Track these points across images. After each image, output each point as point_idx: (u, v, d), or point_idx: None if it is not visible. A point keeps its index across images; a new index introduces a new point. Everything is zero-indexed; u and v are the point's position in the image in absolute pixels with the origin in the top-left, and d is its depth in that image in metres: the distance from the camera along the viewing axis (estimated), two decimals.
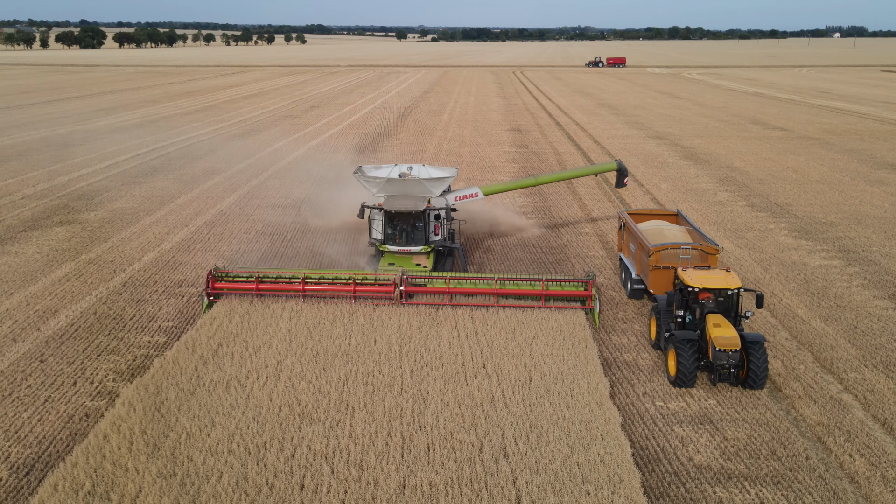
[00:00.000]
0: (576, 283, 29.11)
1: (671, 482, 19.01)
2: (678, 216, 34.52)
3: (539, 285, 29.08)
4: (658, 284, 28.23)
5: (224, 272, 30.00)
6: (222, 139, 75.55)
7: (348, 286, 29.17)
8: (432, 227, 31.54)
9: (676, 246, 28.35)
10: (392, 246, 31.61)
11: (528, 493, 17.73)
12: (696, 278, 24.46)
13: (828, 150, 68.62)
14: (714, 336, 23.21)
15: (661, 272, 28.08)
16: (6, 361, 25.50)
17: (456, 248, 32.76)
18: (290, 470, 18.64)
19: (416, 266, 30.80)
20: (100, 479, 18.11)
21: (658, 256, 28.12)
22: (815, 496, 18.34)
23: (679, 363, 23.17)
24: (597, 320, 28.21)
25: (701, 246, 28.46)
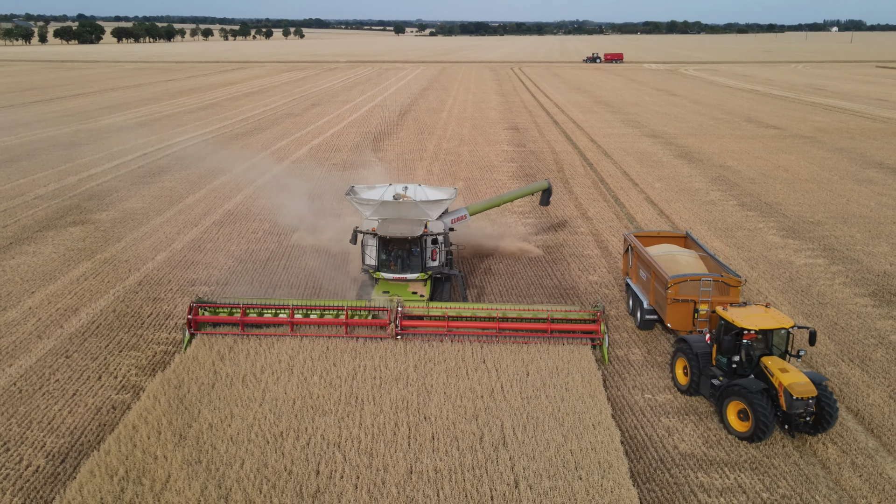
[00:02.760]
0: (583, 319, 27.16)
1: (657, 468, 20.64)
2: (687, 239, 32.73)
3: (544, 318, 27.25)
4: (676, 318, 26.66)
5: (206, 304, 27.94)
6: (226, 138, 77.00)
7: (339, 321, 27.35)
8: (429, 252, 29.52)
9: (697, 278, 26.43)
10: (387, 273, 29.48)
11: (525, 478, 19.33)
12: (747, 319, 22.49)
13: (819, 149, 70.18)
14: (788, 384, 21.26)
15: (679, 305, 26.36)
16: (33, 357, 27.07)
17: (454, 274, 30.80)
18: (306, 457, 20.24)
19: (411, 294, 28.86)
20: (132, 465, 19.71)
21: (677, 289, 26.31)
22: (788, 480, 19.98)
23: (758, 419, 21.08)
24: (605, 357, 26.49)
25: (722, 278, 26.65)
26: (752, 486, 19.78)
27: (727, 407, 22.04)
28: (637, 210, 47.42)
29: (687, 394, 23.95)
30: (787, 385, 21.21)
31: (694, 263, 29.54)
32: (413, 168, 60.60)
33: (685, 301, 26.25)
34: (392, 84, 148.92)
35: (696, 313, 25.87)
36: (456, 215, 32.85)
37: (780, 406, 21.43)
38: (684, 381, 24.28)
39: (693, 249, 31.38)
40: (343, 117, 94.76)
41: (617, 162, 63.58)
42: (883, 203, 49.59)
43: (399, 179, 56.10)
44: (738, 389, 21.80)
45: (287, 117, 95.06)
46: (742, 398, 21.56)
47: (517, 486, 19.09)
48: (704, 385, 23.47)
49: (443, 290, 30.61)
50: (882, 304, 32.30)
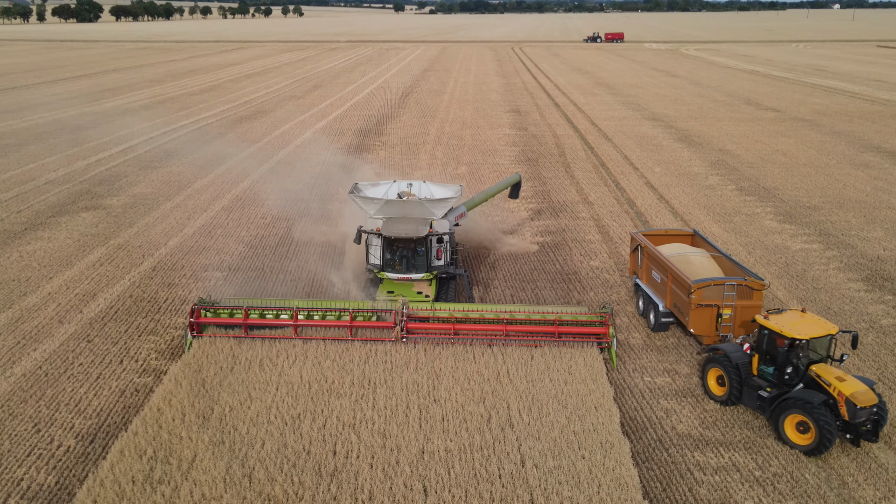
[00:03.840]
0: (591, 321, 26.90)
1: (656, 448, 21.78)
2: (695, 237, 32.09)
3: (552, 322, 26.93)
4: (700, 324, 26.05)
5: (209, 306, 27.83)
6: (230, 122, 77.71)
7: (344, 323, 27.19)
8: (434, 251, 29.15)
9: (720, 282, 25.97)
10: (391, 273, 29.15)
11: (530, 458, 20.47)
12: (794, 328, 22.05)
13: (817, 133, 70.94)
14: (851, 393, 20.80)
15: (703, 310, 25.78)
16: (56, 342, 28.15)
17: (460, 273, 30.35)
18: (323, 438, 21.36)
19: (416, 294, 28.53)
20: (159, 445, 20.83)
21: (700, 294, 25.69)
22: (779, 459, 21.11)
23: (822, 433, 20.65)
24: (614, 360, 26.18)
25: (746, 281, 25.98)
26: (745, 465, 20.92)
27: (784, 420, 21.47)
28: (637, 195, 48.34)
29: (725, 404, 23.40)
30: (850, 395, 20.77)
31: (708, 265, 28.95)
32: (416, 153, 61.43)
33: (709, 306, 25.72)
34: (393, 65, 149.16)
35: (720, 318, 25.61)
36: (457, 213, 32.43)
37: (840, 416, 21.04)
38: (720, 392, 23.69)
39: (702, 248, 30.96)
40: (345, 100, 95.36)
41: (617, 146, 64.39)
42: (879, 188, 50.49)
43: (403, 164, 57.02)
44: (797, 402, 21.23)
45: (290, 100, 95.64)
46: (803, 411, 21.00)
47: (523, 465, 20.22)
48: (749, 396, 22.88)
49: (448, 289, 30.36)
50: (874, 288, 33.33)
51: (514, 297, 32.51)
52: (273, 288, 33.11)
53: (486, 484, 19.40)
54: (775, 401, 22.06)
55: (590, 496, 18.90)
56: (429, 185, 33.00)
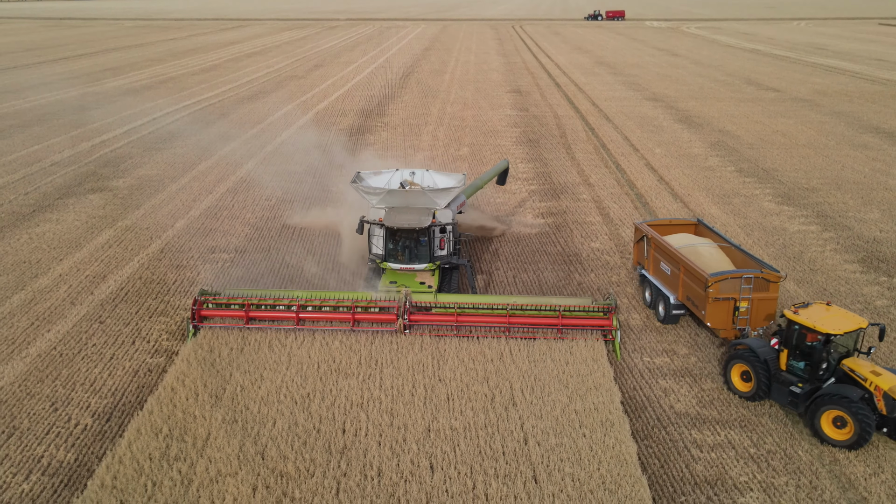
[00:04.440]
0: (594, 311, 27.00)
1: (654, 426, 22.50)
2: (699, 226, 31.91)
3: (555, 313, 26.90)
4: (717, 317, 25.92)
5: (211, 297, 27.77)
6: (232, 102, 77.99)
7: (346, 315, 27.15)
8: (437, 241, 29.10)
9: (738, 275, 25.70)
10: (394, 264, 29.24)
11: (533, 436, 21.18)
12: (826, 323, 21.99)
13: (817, 113, 71.27)
14: (889, 388, 20.86)
15: (720, 304, 25.67)
16: (69, 323, 28.81)
17: (463, 264, 30.15)
18: (333, 417, 22.07)
19: (419, 285, 28.47)
20: (174, 424, 21.54)
21: (718, 287, 25.51)
22: (774, 437, 21.84)
23: (862, 427, 20.66)
24: (618, 352, 26.23)
25: (762, 273, 25.80)
26: (740, 442, 21.65)
27: (821, 416, 21.37)
28: (637, 177, 48.85)
29: (752, 400, 23.28)
30: (888, 389, 20.81)
31: (718, 256, 28.67)
32: (418, 134, 61.86)
33: (726, 299, 25.58)
34: (394, 44, 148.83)
35: (737, 311, 25.53)
36: (458, 201, 32.22)
37: (877, 410, 21.05)
38: (745, 388, 23.58)
39: (708, 237, 30.73)
40: (347, 79, 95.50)
41: (618, 126, 64.77)
42: (877, 169, 50.98)
43: (405, 145, 57.48)
44: (835, 398, 21.16)
45: (291, 80, 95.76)
46: (841, 407, 20.95)
47: (526, 442, 20.94)
48: (779, 392, 22.73)
49: (451, 278, 30.26)
50: (870, 270, 33.96)
51: (517, 278, 33.14)
52: (280, 270, 33.73)
53: (491, 461, 20.13)
54: (809, 397, 21.98)
55: (590, 472, 19.63)
56: (432, 174, 32.83)
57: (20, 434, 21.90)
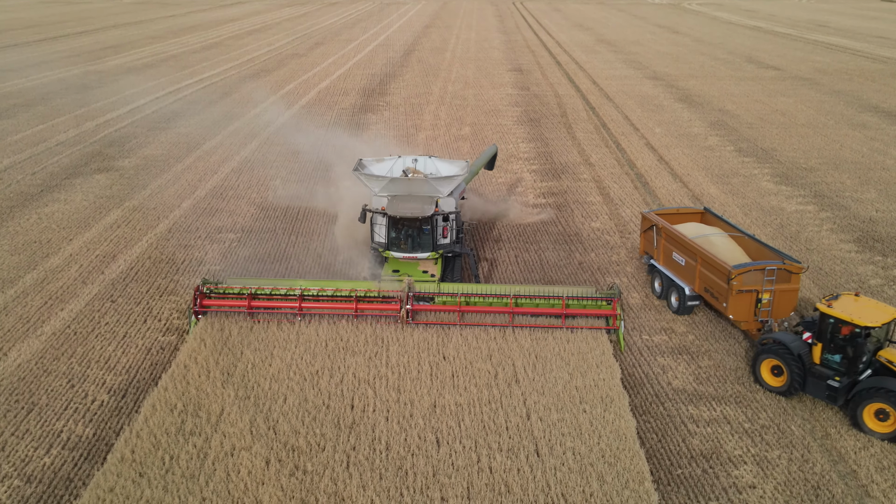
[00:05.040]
0: (599, 302, 26.88)
1: (652, 402, 23.26)
2: (706, 214, 31.69)
3: (559, 303, 26.78)
4: (739, 310, 25.73)
5: (213, 287, 27.47)
6: (234, 81, 78.15)
7: (349, 304, 27.09)
8: (440, 230, 29.02)
9: (760, 267, 25.55)
10: (397, 252, 29.18)
11: (535, 412, 21.93)
12: (863, 315, 21.86)
13: (817, 92, 71.57)
14: None
15: (743, 296, 25.50)
16: (82, 302, 29.50)
17: (466, 252, 30.14)
18: (341, 393, 22.81)
19: (422, 274, 28.56)
20: (188, 400, 22.28)
21: (741, 280, 25.35)
22: (768, 413, 22.60)
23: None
24: (622, 343, 26.31)
25: (785, 265, 25.70)
26: (735, 418, 22.42)
27: (864, 409, 21.45)
28: (637, 156, 49.35)
29: (784, 395, 23.15)
30: None
31: (731, 246, 28.43)
32: (420, 113, 62.24)
33: (748, 291, 25.46)
34: (394, 21, 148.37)
35: (759, 303, 25.40)
36: (460, 189, 31.65)
37: None
38: (776, 382, 23.44)
39: (716, 226, 30.51)
40: (348, 57, 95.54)
41: (619, 106, 65.12)
42: (875, 148, 51.46)
43: (407, 125, 57.90)
44: (879, 391, 21.19)
45: (292, 58, 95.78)
46: (885, 400, 21.06)
47: (529, 418, 21.69)
48: (815, 386, 22.61)
49: (454, 267, 30.07)
50: (865, 249, 34.61)
51: (518, 258, 33.79)
52: (286, 250, 34.37)
53: (495, 435, 20.88)
54: (849, 390, 22.04)
55: (590, 446, 20.39)
56: (434, 161, 32.63)
57: (39, 410, 22.65)
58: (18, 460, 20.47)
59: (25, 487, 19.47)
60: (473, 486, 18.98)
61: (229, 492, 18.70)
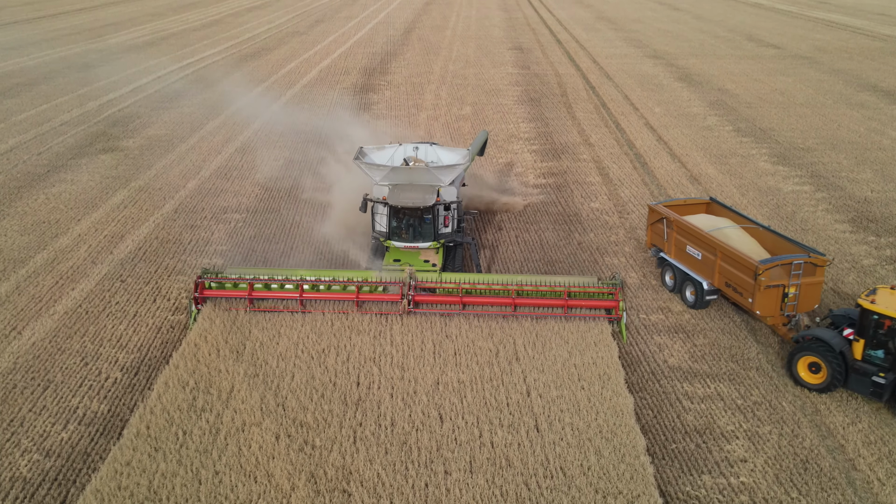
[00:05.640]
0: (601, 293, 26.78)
1: (648, 379, 24.02)
2: (712, 204, 31.41)
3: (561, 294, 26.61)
4: (766, 305, 25.39)
5: (213, 276, 27.38)
6: (235, 59, 78.42)
7: (350, 295, 26.93)
8: (441, 219, 28.94)
9: (788, 262, 25.23)
10: (398, 242, 29.13)
11: (535, 388, 22.68)
12: None
13: (816, 71, 71.85)
14: None
15: (769, 291, 25.20)
16: (92, 282, 30.18)
17: (467, 242, 30.02)
18: (347, 371, 23.56)
19: (423, 263, 28.53)
20: (199, 378, 23.02)
21: (769, 275, 25.03)
22: (760, 390, 23.36)
23: None
24: (623, 333, 26.29)
25: (810, 258, 25.41)
26: (728, 394, 23.18)
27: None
28: (637, 136, 49.84)
29: (823, 391, 22.98)
30: None
31: (746, 239, 28.16)
32: (421, 93, 62.60)
33: (776, 286, 25.14)
34: None
35: (786, 297, 25.24)
36: (461, 177, 31.52)
37: None
38: (815, 379, 23.16)
39: (724, 216, 30.19)
40: (348, 35, 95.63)
41: (619, 85, 65.46)
42: (872, 128, 51.92)
43: (409, 104, 58.30)
44: None
45: (293, 36, 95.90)
46: None
47: (529, 394, 22.44)
48: (859, 383, 22.42)
49: (455, 256, 30.08)
50: (859, 230, 35.25)
51: (519, 238, 34.42)
52: (291, 230, 34.99)
53: (496, 411, 21.64)
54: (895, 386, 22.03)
55: (588, 422, 21.15)
56: (435, 149, 32.41)
57: (55, 387, 23.39)
58: (37, 435, 21.23)
59: (45, 461, 20.25)
60: (475, 460, 19.76)
61: (241, 465, 19.47)
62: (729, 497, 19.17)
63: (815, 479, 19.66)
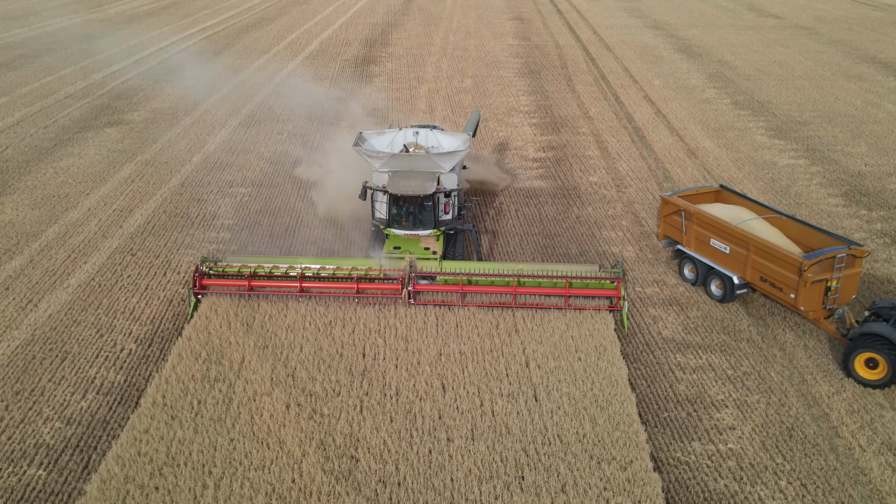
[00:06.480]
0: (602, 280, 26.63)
1: (643, 350, 24.98)
2: (722, 191, 30.83)
3: (562, 283, 26.51)
4: (810, 300, 24.91)
5: (212, 266, 27.21)
6: (236, 30, 78.56)
7: (350, 284, 26.88)
8: (442, 206, 28.66)
9: (831, 255, 24.81)
10: (398, 230, 28.82)
11: (534, 359, 23.65)
12: None
13: (816, 42, 72.07)
14: None
15: (814, 286, 24.73)
16: (104, 255, 31.04)
17: (468, 229, 29.62)
18: (353, 342, 24.51)
19: (424, 250, 28.23)
20: (211, 349, 23.98)
21: (814, 270, 24.60)
22: (750, 360, 24.33)
23: None
24: (625, 323, 26.14)
25: (851, 250, 25.08)
26: (720, 365, 24.15)
27: None
28: (636, 110, 50.40)
29: (883, 387, 22.76)
30: None
31: (771, 230, 27.44)
32: (422, 65, 62.96)
33: (819, 281, 24.72)
34: None
35: (828, 291, 24.92)
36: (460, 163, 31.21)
37: None
38: (874, 375, 22.92)
39: (736, 203, 29.74)
40: (349, 5, 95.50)
41: (618, 57, 65.77)
42: (868, 101, 52.43)
43: (410, 77, 58.72)
44: None
45: (293, 5, 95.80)
46: None
47: (528, 365, 23.41)
48: None
49: (456, 242, 29.83)
50: (851, 203, 36.02)
51: (518, 212, 35.20)
52: (296, 205, 35.75)
53: (496, 381, 22.62)
54: None
55: (584, 392, 22.14)
56: (436, 134, 31.88)
57: (72, 357, 24.35)
58: (58, 404, 22.22)
59: (66, 429, 21.25)
60: (477, 427, 20.77)
61: (254, 433, 20.48)
62: (717, 462, 20.20)
63: (799, 446, 20.67)
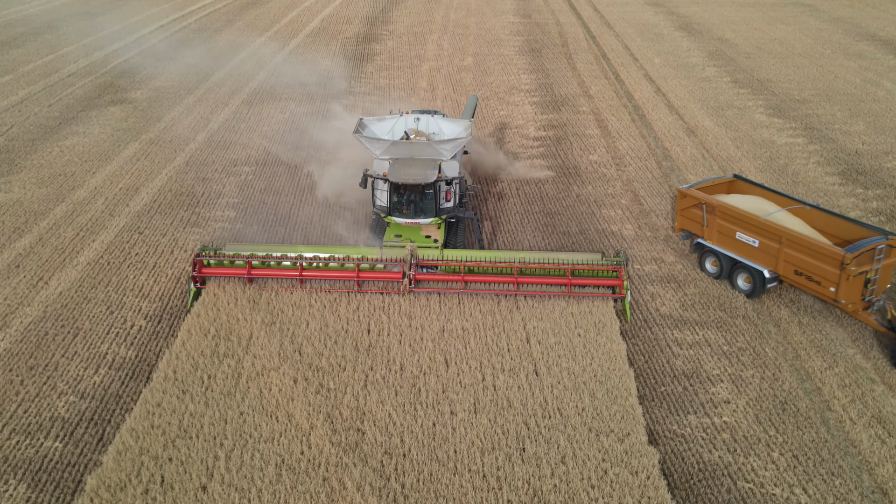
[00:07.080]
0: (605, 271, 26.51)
1: (641, 326, 25.58)
2: (736, 181, 30.52)
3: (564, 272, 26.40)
4: (850, 293, 24.54)
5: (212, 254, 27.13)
6: (237, 8, 78.48)
7: (350, 273, 26.74)
8: (443, 193, 28.31)
9: (871, 247, 24.48)
10: (399, 218, 28.48)
11: (534, 335, 24.25)
12: None
13: (816, 19, 72.11)
14: None
15: (855, 279, 24.41)
16: (111, 234, 31.56)
17: (469, 216, 29.44)
18: (358, 319, 25.10)
19: (425, 238, 27.95)
20: (220, 325, 24.57)
21: (856, 263, 24.18)
22: (746, 336, 24.94)
23: None
24: (627, 313, 25.96)
25: (888, 241, 24.90)
26: (715, 341, 24.77)
27: None
28: (636, 88, 50.68)
29: None
30: None
31: (796, 221, 27.04)
32: (423, 42, 63.10)
33: (860, 274, 24.39)
34: None
35: (868, 283, 24.67)
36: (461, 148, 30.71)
37: None
38: None
39: (751, 192, 29.47)
40: None
41: (619, 34, 65.85)
42: (867, 79, 52.69)
43: (411, 55, 58.89)
44: None
45: None
46: None
47: (528, 341, 24.02)
48: None
49: (457, 230, 29.66)
50: (848, 182, 36.48)
51: (520, 190, 35.67)
52: (300, 183, 36.20)
53: (498, 357, 23.25)
54: None
55: (584, 367, 22.77)
56: (437, 120, 31.42)
57: (84, 334, 24.96)
58: (71, 379, 22.85)
59: (81, 402, 21.89)
60: (479, 401, 21.42)
61: (263, 407, 21.12)
62: (712, 435, 20.86)
63: (791, 419, 21.33)
